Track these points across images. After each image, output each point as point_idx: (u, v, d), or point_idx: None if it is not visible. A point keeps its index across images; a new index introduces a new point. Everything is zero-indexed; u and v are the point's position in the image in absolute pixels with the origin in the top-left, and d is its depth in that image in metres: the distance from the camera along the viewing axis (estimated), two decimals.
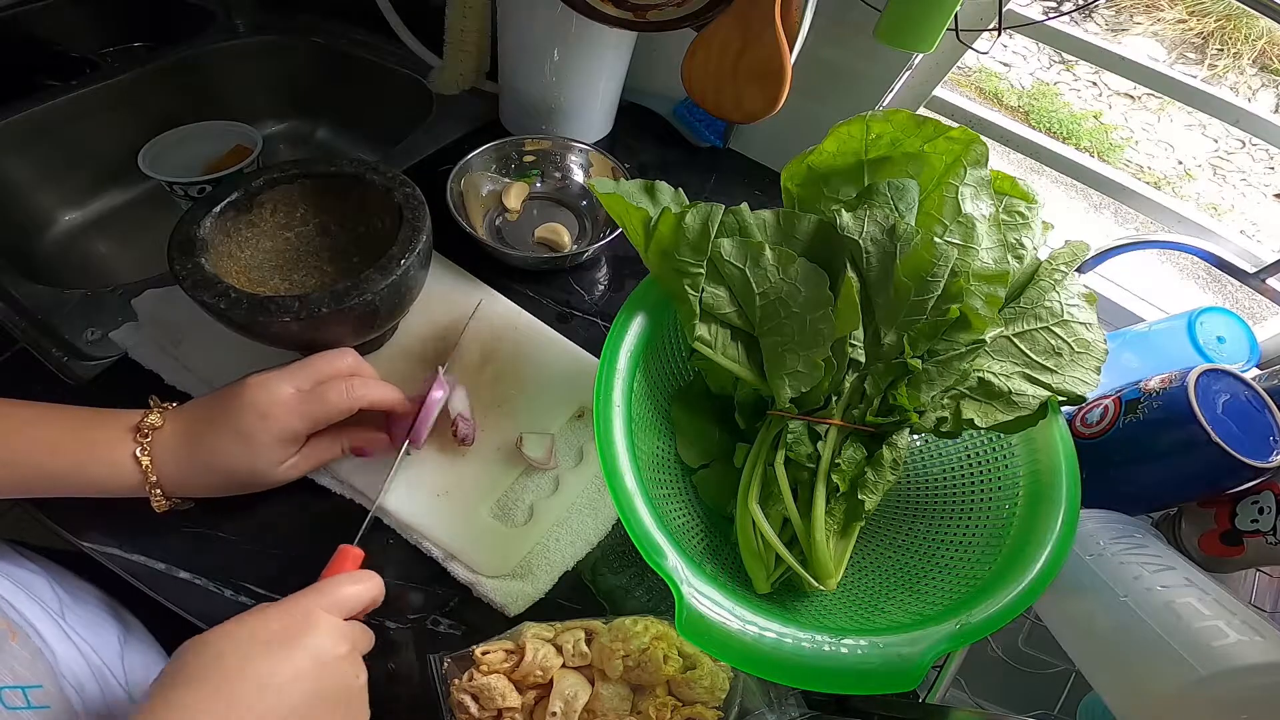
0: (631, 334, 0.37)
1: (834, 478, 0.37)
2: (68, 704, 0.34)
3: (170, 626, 0.44)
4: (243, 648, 0.28)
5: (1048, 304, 0.38)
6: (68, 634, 0.38)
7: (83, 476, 0.36)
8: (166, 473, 0.37)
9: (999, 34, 0.51)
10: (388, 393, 0.41)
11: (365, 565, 0.37)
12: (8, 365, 0.46)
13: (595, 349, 0.51)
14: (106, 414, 0.37)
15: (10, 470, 0.35)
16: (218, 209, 0.43)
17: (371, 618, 0.39)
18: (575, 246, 0.59)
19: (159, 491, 0.37)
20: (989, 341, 0.38)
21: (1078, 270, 0.41)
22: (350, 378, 0.40)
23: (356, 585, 0.34)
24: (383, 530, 0.42)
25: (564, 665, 0.36)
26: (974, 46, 0.55)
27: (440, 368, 0.44)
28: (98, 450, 0.36)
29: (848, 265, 0.36)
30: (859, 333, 0.37)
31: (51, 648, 0.36)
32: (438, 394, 0.42)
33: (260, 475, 0.39)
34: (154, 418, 0.37)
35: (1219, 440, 0.37)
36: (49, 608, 0.39)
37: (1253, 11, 0.49)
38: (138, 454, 0.36)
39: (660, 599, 0.41)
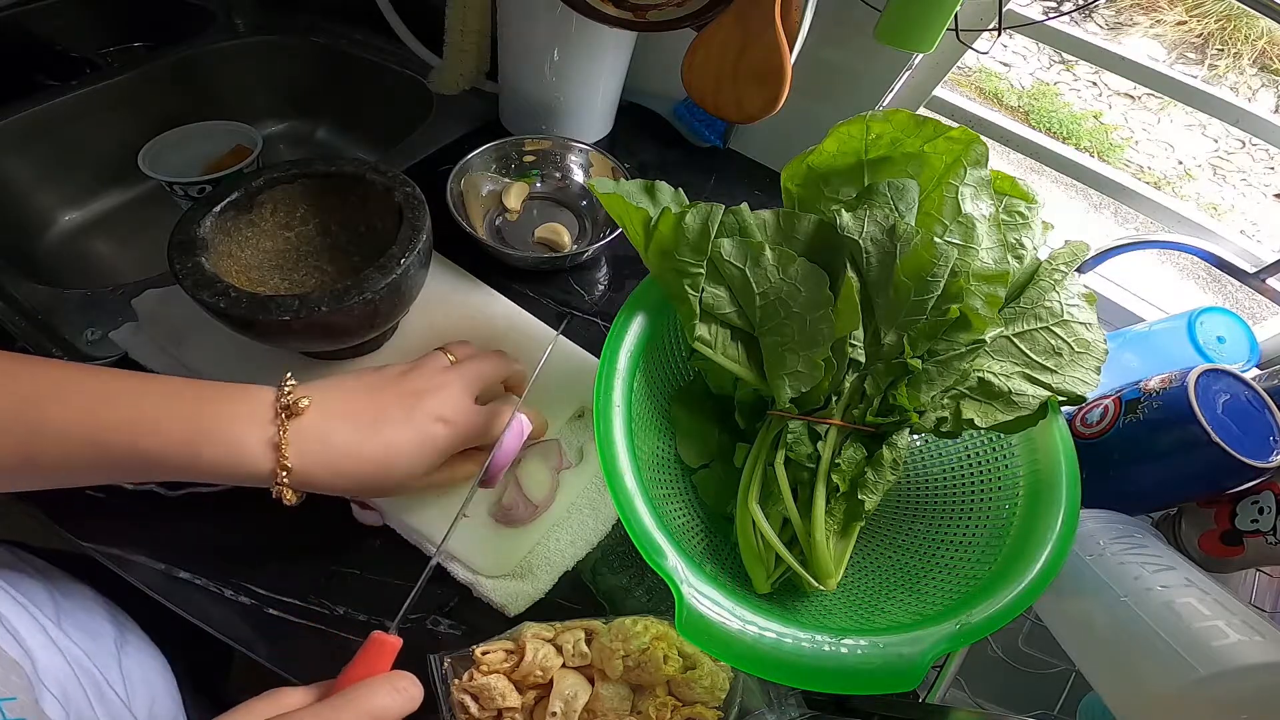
0: (631, 334, 0.37)
1: (834, 478, 0.37)
2: (44, 715, 0.33)
3: (172, 628, 0.44)
4: None
5: (1048, 304, 0.38)
6: (55, 642, 0.37)
7: (189, 461, 0.31)
8: (305, 464, 0.32)
9: (999, 34, 0.51)
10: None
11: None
12: None
13: (595, 349, 0.51)
14: (226, 389, 0.33)
15: (98, 451, 0.30)
16: (218, 209, 0.43)
17: (372, 617, 0.40)
18: (575, 246, 0.59)
19: (287, 482, 0.32)
20: (989, 341, 0.38)
21: (1078, 270, 0.41)
22: (510, 410, 0.38)
23: (390, 698, 0.28)
24: (383, 530, 0.42)
25: (564, 665, 0.36)
26: (974, 46, 0.55)
27: (516, 411, 0.40)
28: (218, 430, 0.31)
29: (848, 265, 0.36)
30: (859, 333, 0.37)
31: (33, 656, 0.35)
32: (513, 442, 0.39)
33: (410, 481, 0.35)
34: (301, 398, 0.32)
35: (1219, 440, 0.37)
36: (41, 614, 0.38)
37: (1253, 12, 0.49)
38: (277, 438, 0.31)
39: (660, 599, 0.41)
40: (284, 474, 0.32)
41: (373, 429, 0.34)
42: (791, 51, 0.46)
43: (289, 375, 0.34)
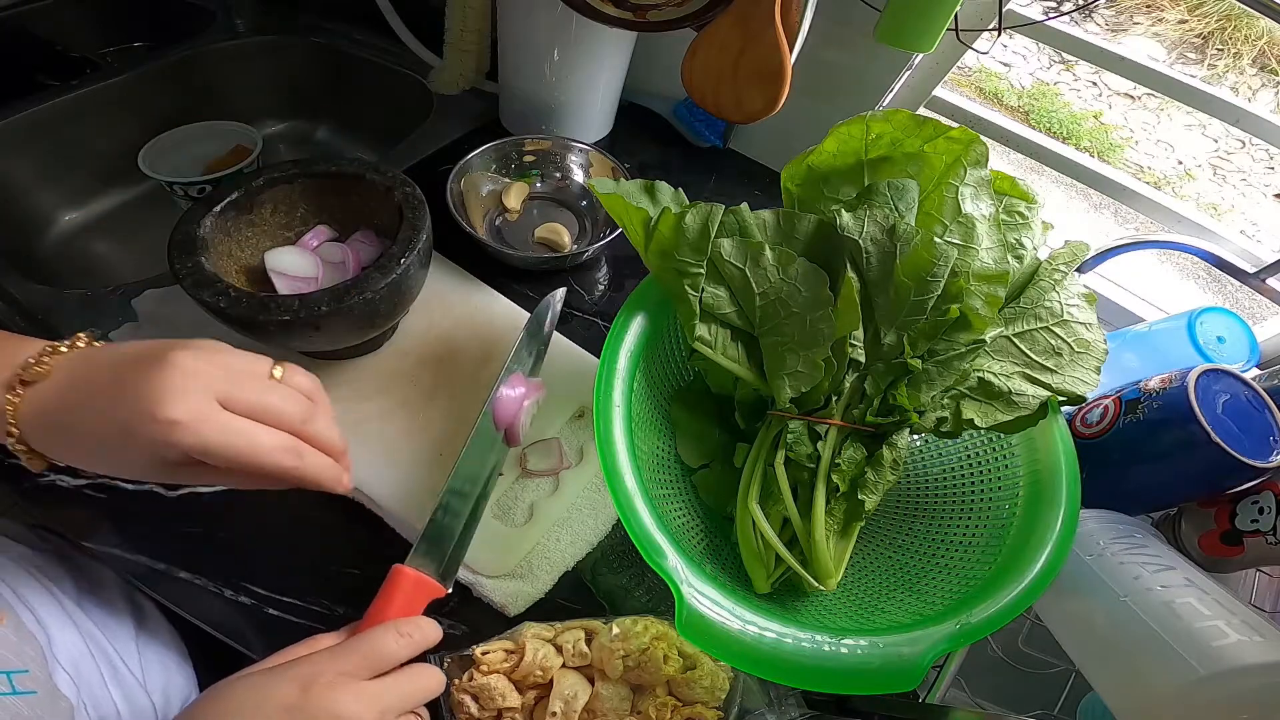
0: (631, 334, 0.37)
1: (834, 478, 0.37)
2: (56, 690, 0.33)
3: (176, 622, 0.44)
4: (249, 712, 0.27)
5: (1048, 304, 0.38)
6: (72, 619, 0.38)
7: None
8: (31, 433, 0.28)
9: (999, 34, 0.51)
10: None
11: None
12: None
13: (595, 349, 0.51)
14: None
15: None
16: (218, 209, 0.43)
17: None
18: (575, 246, 0.59)
19: (21, 446, 0.28)
20: (989, 341, 0.38)
21: (1078, 270, 0.41)
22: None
23: (396, 644, 0.30)
24: (383, 530, 0.42)
25: (564, 665, 0.36)
26: (974, 46, 0.55)
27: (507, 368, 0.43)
28: None
29: (848, 265, 0.36)
30: (859, 333, 0.37)
31: (48, 631, 0.36)
32: (509, 395, 0.41)
33: (131, 472, 0.29)
34: (43, 365, 0.28)
35: (1219, 440, 0.37)
36: (60, 592, 0.39)
37: (1253, 11, 0.49)
38: (5, 402, 0.28)
39: (660, 599, 0.41)
40: (12, 440, 0.28)
41: (83, 409, 0.28)
42: (791, 51, 0.46)
43: (80, 336, 0.30)
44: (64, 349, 0.30)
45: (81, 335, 0.30)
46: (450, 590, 0.35)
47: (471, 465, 0.39)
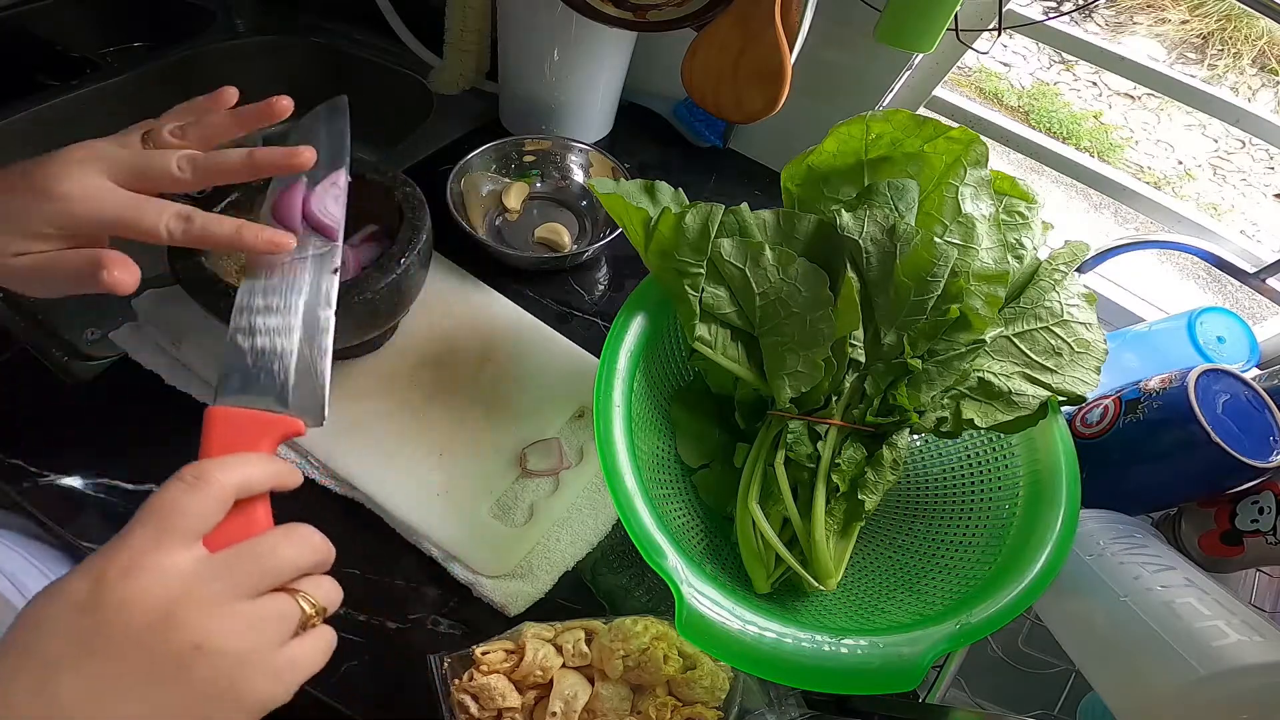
0: (631, 334, 0.37)
1: (834, 478, 0.37)
2: None
3: None
4: (43, 622, 0.21)
5: (1048, 304, 0.38)
6: None
7: None
8: None
9: (999, 34, 0.51)
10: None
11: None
12: (8, 365, 0.46)
13: (595, 349, 0.51)
14: None
15: None
16: (218, 209, 0.43)
17: (372, 617, 0.40)
18: (575, 246, 0.59)
19: None
20: (989, 341, 0.38)
21: (1078, 270, 0.41)
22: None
23: (190, 491, 0.23)
24: (383, 530, 0.42)
25: (564, 665, 0.36)
26: (974, 46, 0.55)
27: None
28: None
29: (848, 265, 0.36)
30: (859, 333, 0.37)
31: None
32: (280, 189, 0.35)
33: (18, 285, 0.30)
34: None
35: (1219, 440, 0.37)
36: None
37: (1253, 11, 0.49)
38: None
39: (660, 599, 0.41)
40: None
41: None
42: (791, 51, 0.46)
43: None
44: None
45: None
46: (314, 424, 0.28)
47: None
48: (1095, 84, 2.45)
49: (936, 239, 0.35)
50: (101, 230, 0.31)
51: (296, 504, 0.39)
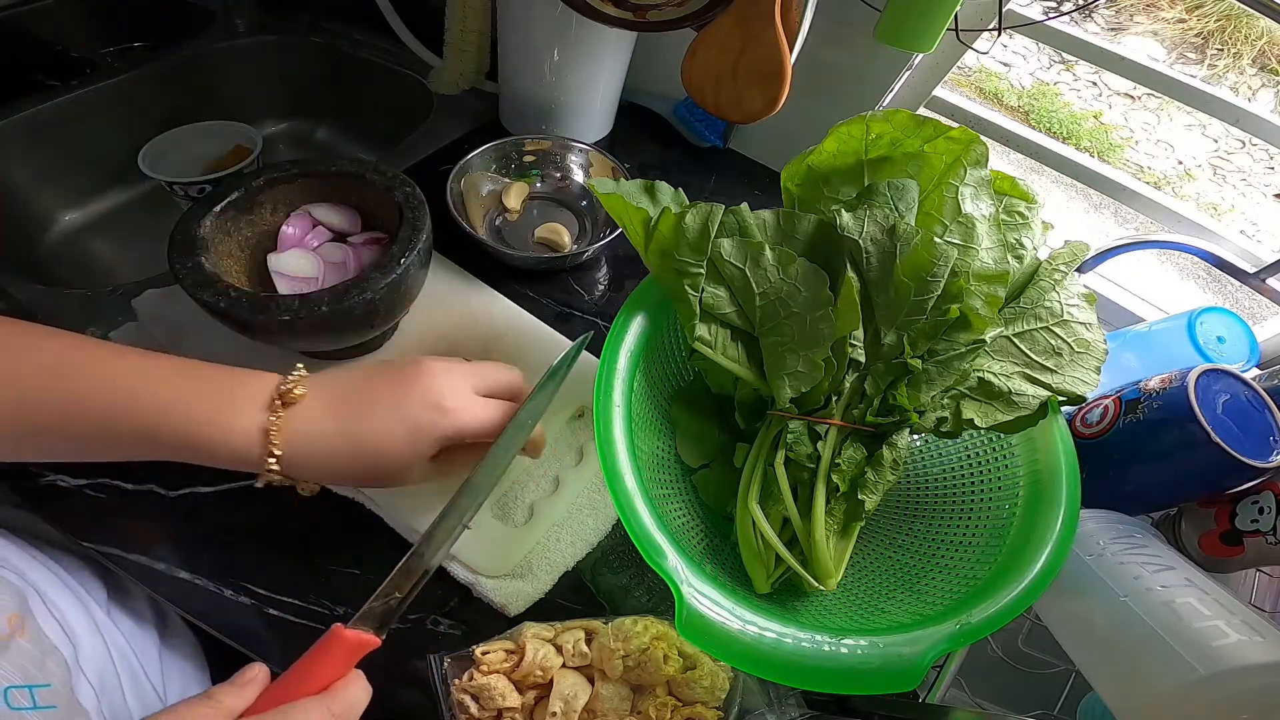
0: (631, 334, 0.37)
1: (834, 478, 0.37)
2: (77, 704, 0.33)
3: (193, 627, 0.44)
4: None
5: (1048, 304, 0.38)
6: (100, 628, 0.38)
7: (181, 438, 0.31)
8: (296, 450, 0.32)
9: (999, 34, 0.51)
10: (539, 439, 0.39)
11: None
12: None
13: (595, 349, 0.51)
14: (231, 373, 0.33)
15: (106, 429, 0.30)
16: (218, 209, 0.43)
17: None
18: (575, 246, 0.59)
19: (275, 466, 0.32)
20: (989, 341, 0.38)
21: (1078, 270, 0.41)
22: (515, 403, 0.37)
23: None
24: (383, 530, 0.42)
25: (564, 665, 0.36)
26: (974, 46, 0.55)
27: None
28: (213, 412, 0.31)
29: (848, 265, 0.36)
30: (859, 333, 0.37)
31: (76, 640, 0.36)
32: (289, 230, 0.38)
33: (404, 471, 0.34)
34: (298, 388, 0.32)
35: (1219, 440, 0.37)
36: (89, 597, 0.38)
37: (1253, 11, 0.49)
38: (269, 424, 0.31)
39: (660, 599, 0.41)
40: (272, 460, 0.31)
41: (365, 415, 0.33)
42: (791, 51, 0.46)
43: (300, 366, 0.34)
44: (297, 375, 0.34)
45: (299, 366, 0.34)
46: (384, 639, 0.30)
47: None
48: (1095, 84, 2.46)
49: (936, 239, 0.35)
50: None
51: (297, 504, 0.39)
